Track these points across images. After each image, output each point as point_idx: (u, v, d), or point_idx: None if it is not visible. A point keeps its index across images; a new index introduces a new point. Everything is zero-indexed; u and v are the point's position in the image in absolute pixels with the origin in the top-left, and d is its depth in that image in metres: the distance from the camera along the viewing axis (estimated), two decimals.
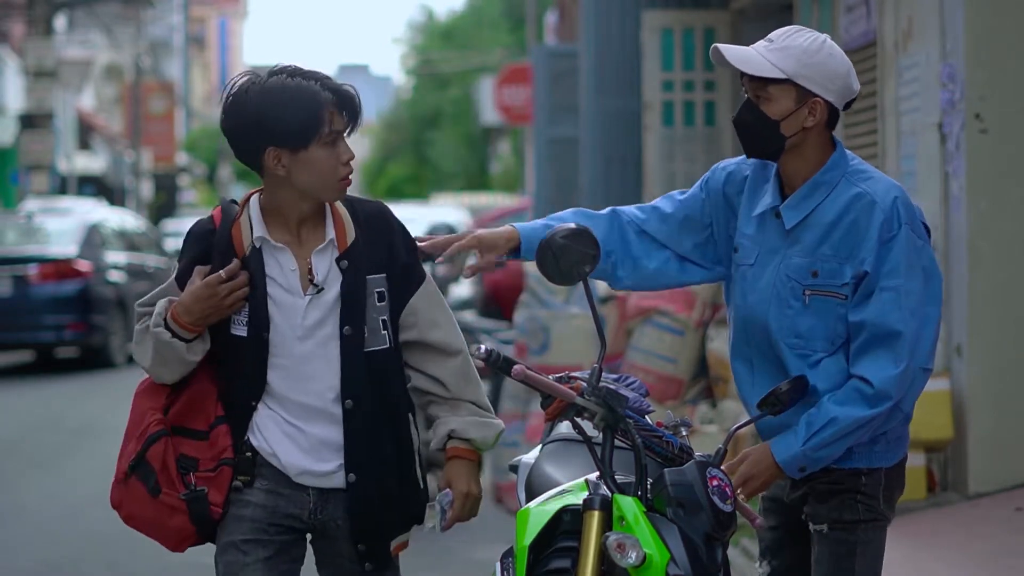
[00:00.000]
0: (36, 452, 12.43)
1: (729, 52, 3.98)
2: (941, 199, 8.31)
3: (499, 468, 9.74)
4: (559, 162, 18.61)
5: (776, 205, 4.05)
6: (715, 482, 3.86)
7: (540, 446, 4.51)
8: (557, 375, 3.97)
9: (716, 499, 3.83)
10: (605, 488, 3.90)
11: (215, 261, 3.97)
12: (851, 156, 4.06)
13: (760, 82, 3.97)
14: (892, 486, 4.07)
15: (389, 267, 4.03)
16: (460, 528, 4.27)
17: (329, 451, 4.00)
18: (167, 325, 3.93)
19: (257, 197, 4.03)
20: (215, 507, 3.98)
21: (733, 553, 7.32)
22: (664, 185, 13.23)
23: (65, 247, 18.44)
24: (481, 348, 3.89)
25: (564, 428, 4.36)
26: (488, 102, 39.32)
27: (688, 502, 3.83)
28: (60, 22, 34.54)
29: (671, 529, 3.83)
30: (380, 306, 4.01)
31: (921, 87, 8.59)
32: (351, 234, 4.01)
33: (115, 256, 19.22)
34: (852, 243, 3.94)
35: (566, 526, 3.98)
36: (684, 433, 4.18)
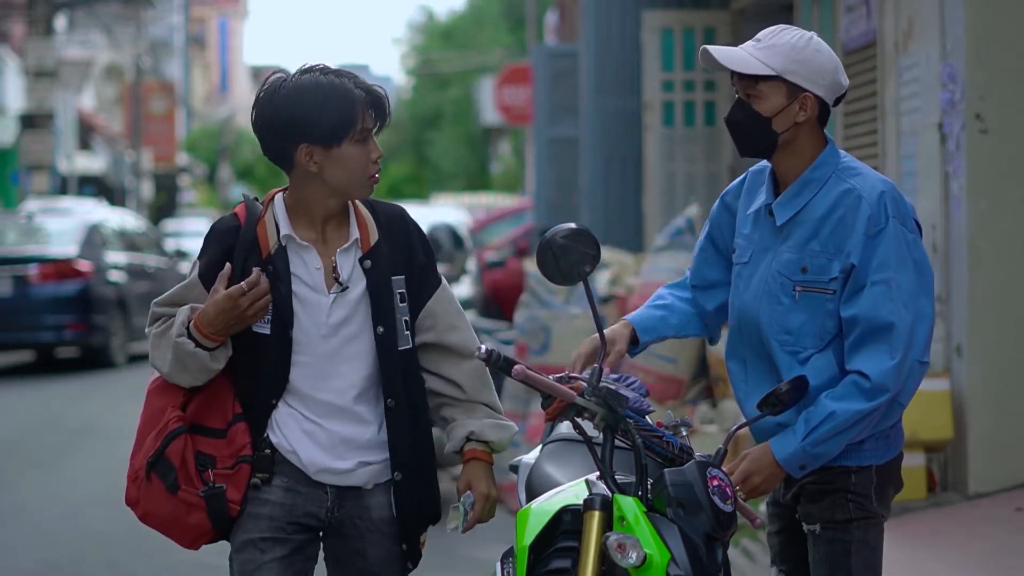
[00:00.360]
0: (36, 452, 12.42)
1: (718, 52, 4.01)
2: (941, 199, 8.31)
3: (499, 468, 9.68)
4: (559, 162, 18.63)
5: (769, 202, 4.08)
6: (715, 482, 3.86)
7: (540, 446, 4.51)
8: (557, 375, 3.97)
9: (716, 499, 3.83)
10: (605, 488, 3.90)
11: (239, 259, 3.97)
12: (842, 154, 4.08)
13: (750, 80, 4.00)
14: (884, 484, 4.06)
15: (408, 269, 4.06)
16: None
17: (348, 449, 4.01)
18: (190, 335, 3.93)
19: (281, 195, 4.04)
20: (233, 504, 3.99)
21: (733, 553, 7.32)
22: (664, 185, 13.22)
23: (65, 247, 18.42)
24: (481, 348, 3.90)
25: (564, 428, 4.35)
26: (488, 102, 39.36)
27: (688, 502, 3.83)
28: (60, 22, 34.56)
29: (671, 529, 3.83)
30: (402, 307, 4.04)
31: (921, 87, 8.59)
32: (374, 235, 4.04)
33: (115, 256, 19.20)
34: (839, 238, 3.96)
35: (566, 526, 3.98)
36: (684, 433, 4.18)
